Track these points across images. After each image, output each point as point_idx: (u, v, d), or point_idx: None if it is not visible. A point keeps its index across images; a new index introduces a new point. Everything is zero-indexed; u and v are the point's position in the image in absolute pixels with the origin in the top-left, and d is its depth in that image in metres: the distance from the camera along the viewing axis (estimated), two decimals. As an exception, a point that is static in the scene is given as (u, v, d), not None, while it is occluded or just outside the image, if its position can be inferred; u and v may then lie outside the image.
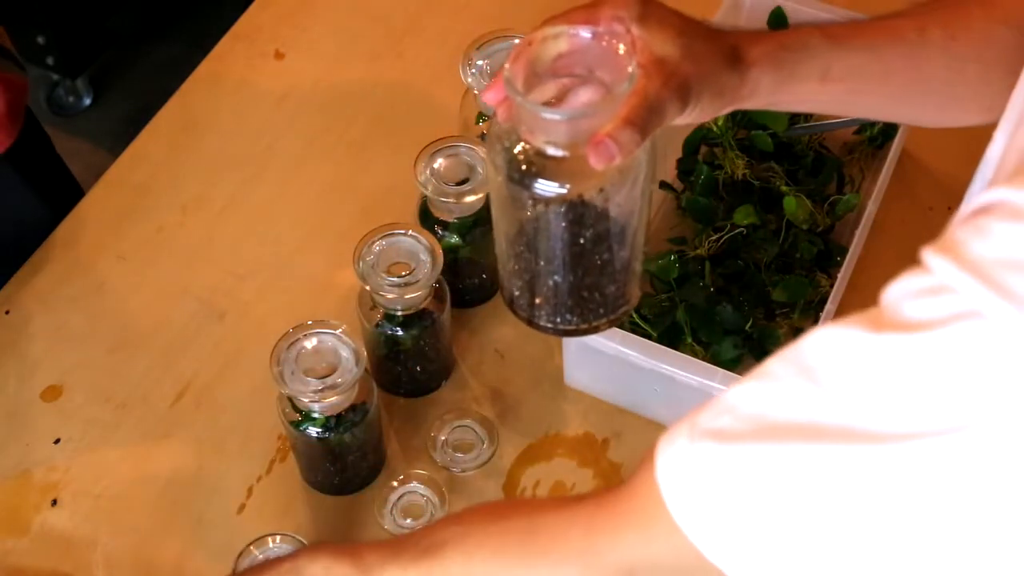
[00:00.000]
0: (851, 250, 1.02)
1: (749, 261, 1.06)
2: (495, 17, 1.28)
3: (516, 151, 0.69)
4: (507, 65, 0.67)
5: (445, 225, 1.04)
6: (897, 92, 0.80)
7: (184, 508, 0.99)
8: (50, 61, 2.20)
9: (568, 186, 0.69)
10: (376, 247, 0.96)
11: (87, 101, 2.34)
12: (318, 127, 1.24)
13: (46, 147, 1.26)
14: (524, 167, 0.69)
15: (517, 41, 1.03)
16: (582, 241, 0.72)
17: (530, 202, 0.71)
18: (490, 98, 0.72)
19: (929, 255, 0.50)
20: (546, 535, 0.72)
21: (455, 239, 1.04)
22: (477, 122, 1.09)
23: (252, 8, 1.34)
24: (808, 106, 0.78)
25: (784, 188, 1.09)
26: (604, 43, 0.69)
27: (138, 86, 2.35)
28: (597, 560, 0.68)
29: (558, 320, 0.78)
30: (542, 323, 0.78)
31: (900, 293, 0.51)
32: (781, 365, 0.55)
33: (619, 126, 0.67)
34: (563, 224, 0.71)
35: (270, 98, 1.26)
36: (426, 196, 1.03)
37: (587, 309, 0.77)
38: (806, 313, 1.05)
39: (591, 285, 0.76)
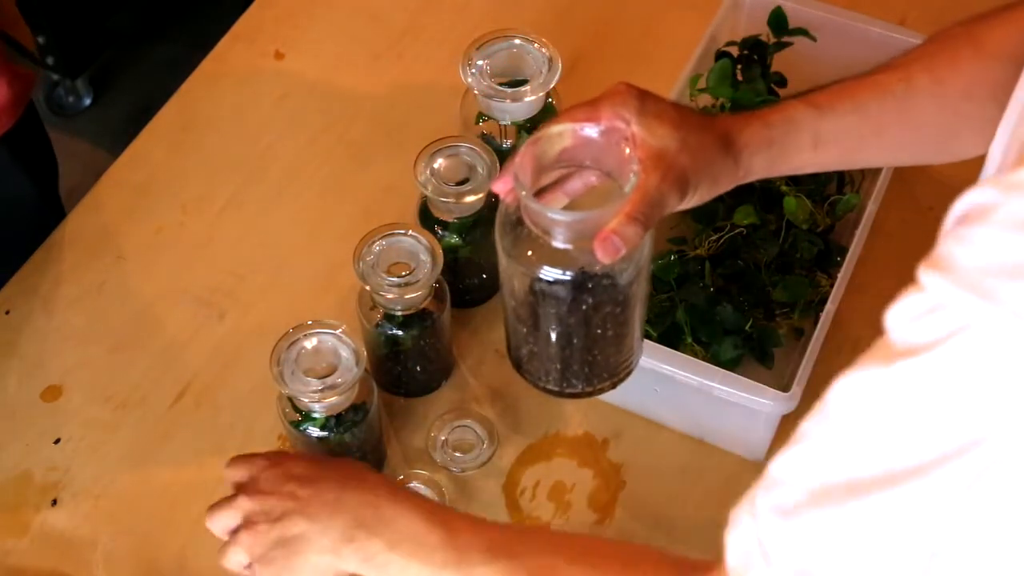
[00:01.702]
0: (851, 250, 1.02)
1: (749, 261, 1.06)
2: (495, 17, 1.28)
3: (522, 236, 0.72)
4: (516, 160, 0.70)
5: (445, 225, 1.04)
6: (893, 144, 0.81)
7: (184, 508, 0.99)
8: (50, 61, 2.20)
9: (572, 272, 0.72)
10: (376, 247, 0.96)
11: (87, 101, 2.34)
12: (318, 127, 1.24)
13: (38, 128, 1.26)
14: (530, 252, 0.72)
15: (518, 41, 1.04)
16: (587, 316, 0.75)
17: (536, 284, 0.74)
18: (499, 188, 0.75)
19: (923, 272, 0.50)
20: None
21: (455, 239, 1.04)
22: (477, 122, 1.09)
23: (252, 8, 1.34)
24: (808, 170, 0.83)
25: (784, 188, 1.08)
26: (606, 139, 0.73)
27: (138, 86, 2.35)
28: None
29: (564, 385, 0.81)
30: (549, 387, 0.82)
31: (902, 317, 0.51)
32: (813, 425, 0.55)
33: (623, 222, 0.70)
34: (568, 302, 0.74)
35: (270, 98, 1.26)
36: (426, 196, 1.03)
37: (592, 374, 0.80)
38: (806, 313, 1.05)
39: (596, 354, 0.79)
